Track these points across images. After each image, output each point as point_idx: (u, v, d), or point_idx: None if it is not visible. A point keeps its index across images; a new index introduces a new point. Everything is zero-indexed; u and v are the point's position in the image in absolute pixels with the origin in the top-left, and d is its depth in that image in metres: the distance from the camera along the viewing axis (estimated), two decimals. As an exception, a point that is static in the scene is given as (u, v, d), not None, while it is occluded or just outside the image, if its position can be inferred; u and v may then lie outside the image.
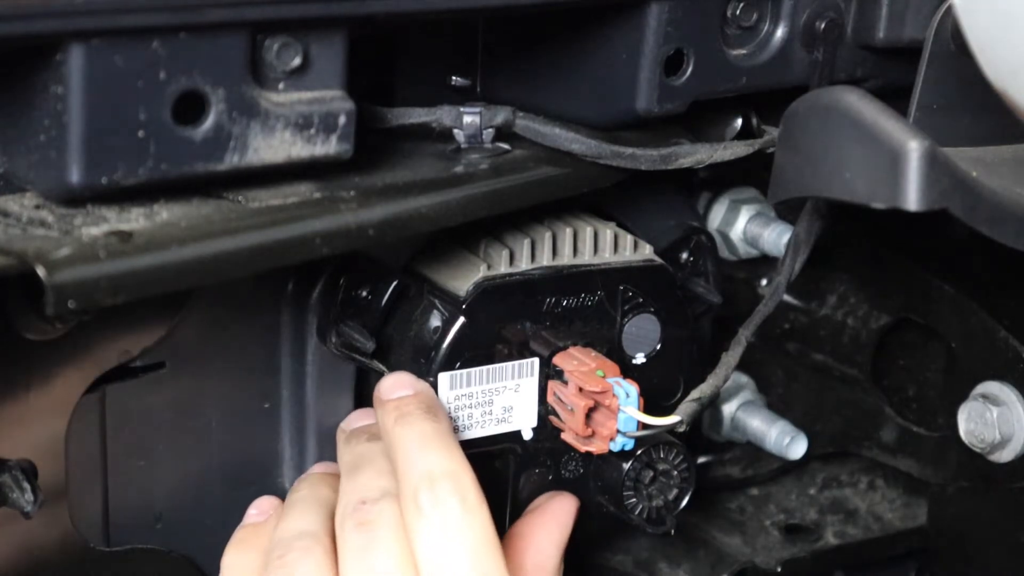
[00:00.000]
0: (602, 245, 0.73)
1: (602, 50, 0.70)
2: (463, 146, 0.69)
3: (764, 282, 0.89)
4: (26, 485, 0.61)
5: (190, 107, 0.55)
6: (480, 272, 0.69)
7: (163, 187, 0.56)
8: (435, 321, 0.69)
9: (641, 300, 0.73)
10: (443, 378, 0.69)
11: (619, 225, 0.76)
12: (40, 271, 0.49)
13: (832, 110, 0.60)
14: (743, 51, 0.73)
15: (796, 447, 0.84)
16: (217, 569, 0.70)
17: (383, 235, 0.60)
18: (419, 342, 0.69)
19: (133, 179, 0.54)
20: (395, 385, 0.67)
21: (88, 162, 0.53)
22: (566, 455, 0.73)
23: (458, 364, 0.69)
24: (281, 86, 0.58)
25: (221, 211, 0.57)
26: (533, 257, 0.71)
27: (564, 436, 0.71)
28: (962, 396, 0.81)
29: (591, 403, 0.68)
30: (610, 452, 0.69)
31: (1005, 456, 0.80)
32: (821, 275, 0.89)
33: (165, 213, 0.56)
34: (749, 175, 0.84)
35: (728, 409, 0.87)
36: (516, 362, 0.70)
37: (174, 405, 0.69)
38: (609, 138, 0.70)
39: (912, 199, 0.56)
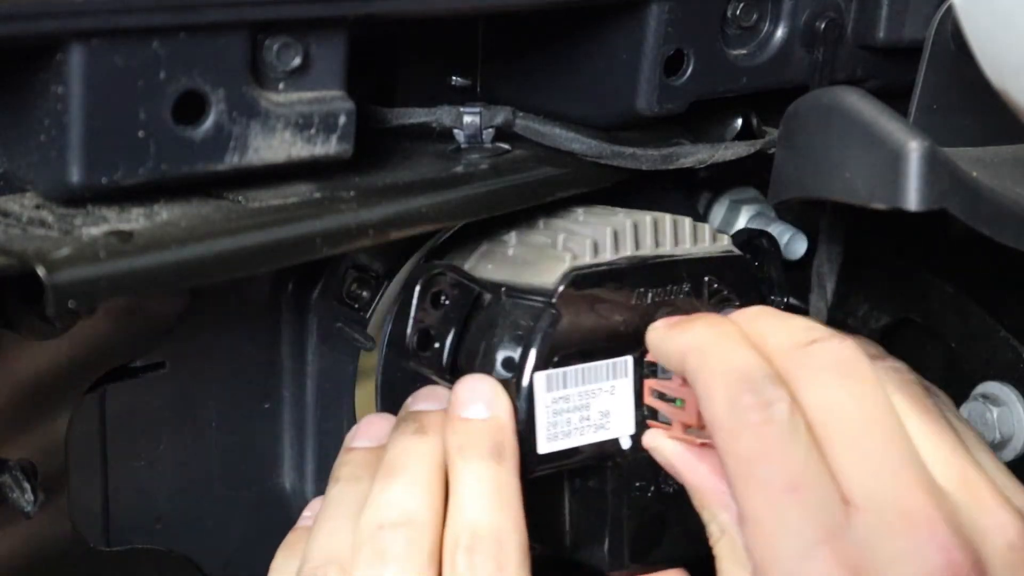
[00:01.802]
0: (682, 235, 0.69)
1: (602, 50, 0.70)
2: (463, 146, 0.69)
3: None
4: (26, 485, 0.61)
5: (190, 107, 0.55)
6: (567, 262, 0.65)
7: (163, 187, 0.56)
8: (522, 320, 0.64)
9: (725, 293, 0.69)
10: (539, 378, 0.64)
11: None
12: (40, 271, 0.49)
13: (832, 110, 0.60)
14: (743, 51, 0.73)
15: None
16: (217, 569, 0.70)
17: (383, 235, 0.60)
18: (505, 346, 0.65)
19: (133, 179, 0.54)
20: (472, 396, 0.63)
21: (88, 162, 0.53)
22: None
23: (554, 361, 0.64)
24: (281, 86, 0.58)
25: (221, 211, 0.57)
26: (616, 247, 0.67)
27: (671, 435, 0.64)
28: (962, 396, 0.81)
29: None
30: None
31: (1005, 456, 0.80)
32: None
33: (165, 213, 0.56)
34: (749, 175, 0.84)
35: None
36: (609, 361, 0.66)
37: (174, 405, 0.69)
38: (609, 138, 0.70)
39: (912, 199, 0.56)
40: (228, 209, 0.57)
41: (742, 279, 0.70)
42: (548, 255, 0.66)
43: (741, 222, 0.84)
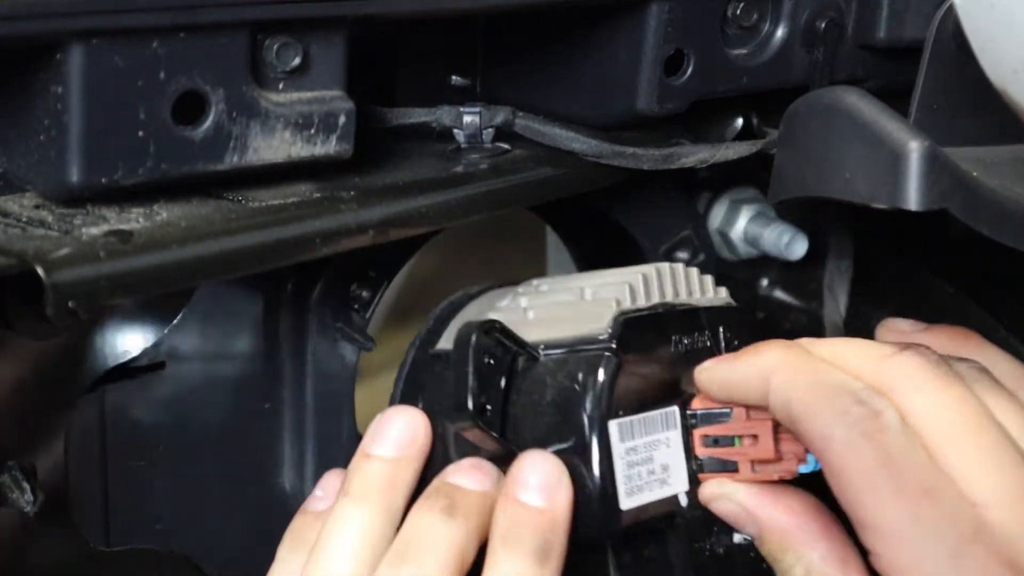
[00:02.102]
0: (692, 285, 0.67)
1: (602, 50, 0.70)
2: (463, 146, 0.69)
3: (764, 282, 0.89)
4: (26, 485, 0.61)
5: (190, 107, 0.55)
6: (614, 307, 0.62)
7: (163, 187, 0.56)
8: (577, 372, 0.61)
9: (736, 343, 0.66)
10: (612, 427, 0.60)
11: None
12: (40, 271, 0.49)
13: (832, 110, 0.60)
14: (743, 51, 0.73)
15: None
16: (217, 569, 0.70)
17: (383, 235, 0.60)
18: (563, 402, 0.61)
19: (133, 179, 0.54)
20: (532, 478, 0.59)
21: (88, 162, 0.53)
22: (716, 523, 0.63)
23: (620, 412, 0.61)
24: (281, 86, 0.58)
25: (221, 211, 0.57)
26: (648, 294, 0.64)
27: (739, 477, 0.61)
28: (962, 396, 0.81)
29: (773, 420, 0.60)
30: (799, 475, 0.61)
31: (1005, 456, 0.80)
32: (821, 275, 0.89)
33: (165, 213, 0.56)
34: (749, 175, 0.84)
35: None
36: (661, 411, 0.63)
37: (174, 405, 0.69)
38: (610, 138, 0.70)
39: (912, 199, 0.56)
40: (228, 209, 0.57)
41: (747, 331, 0.68)
42: (586, 305, 0.64)
43: (741, 222, 0.84)
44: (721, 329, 0.66)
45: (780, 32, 0.73)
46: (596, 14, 0.69)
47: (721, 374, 0.61)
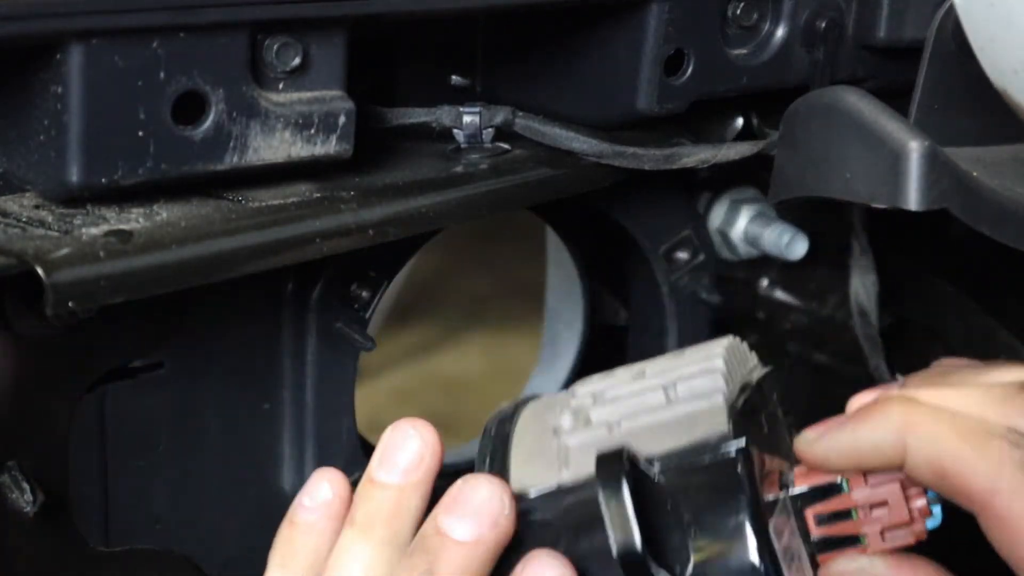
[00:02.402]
0: (744, 356, 0.63)
1: (602, 50, 0.70)
2: (463, 146, 0.69)
3: (764, 282, 0.89)
4: (25, 485, 0.61)
5: (190, 107, 0.55)
6: (723, 403, 0.58)
7: (163, 187, 0.56)
8: (719, 482, 0.56)
9: (785, 412, 0.63)
10: (771, 529, 0.56)
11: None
12: (40, 271, 0.49)
13: (833, 110, 0.60)
14: (743, 51, 0.73)
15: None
16: (217, 569, 0.70)
17: (383, 235, 0.60)
18: (710, 518, 0.55)
19: (133, 179, 0.54)
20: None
21: (88, 162, 0.53)
22: None
23: (767, 513, 0.56)
24: (281, 86, 0.58)
25: (221, 211, 0.57)
26: (731, 375, 0.60)
27: (871, 550, 0.56)
28: (962, 396, 0.81)
29: (901, 479, 0.56)
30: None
31: (1005, 456, 0.80)
32: (821, 275, 0.89)
33: (165, 213, 0.56)
34: (750, 175, 0.84)
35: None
36: (781, 498, 0.57)
37: (174, 405, 0.69)
38: (610, 137, 0.70)
39: (913, 199, 0.56)
40: (228, 209, 0.57)
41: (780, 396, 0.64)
42: (684, 407, 0.59)
43: (741, 222, 0.84)
44: (774, 396, 0.62)
45: (780, 32, 0.73)
46: (596, 14, 0.69)
47: (843, 442, 0.57)
